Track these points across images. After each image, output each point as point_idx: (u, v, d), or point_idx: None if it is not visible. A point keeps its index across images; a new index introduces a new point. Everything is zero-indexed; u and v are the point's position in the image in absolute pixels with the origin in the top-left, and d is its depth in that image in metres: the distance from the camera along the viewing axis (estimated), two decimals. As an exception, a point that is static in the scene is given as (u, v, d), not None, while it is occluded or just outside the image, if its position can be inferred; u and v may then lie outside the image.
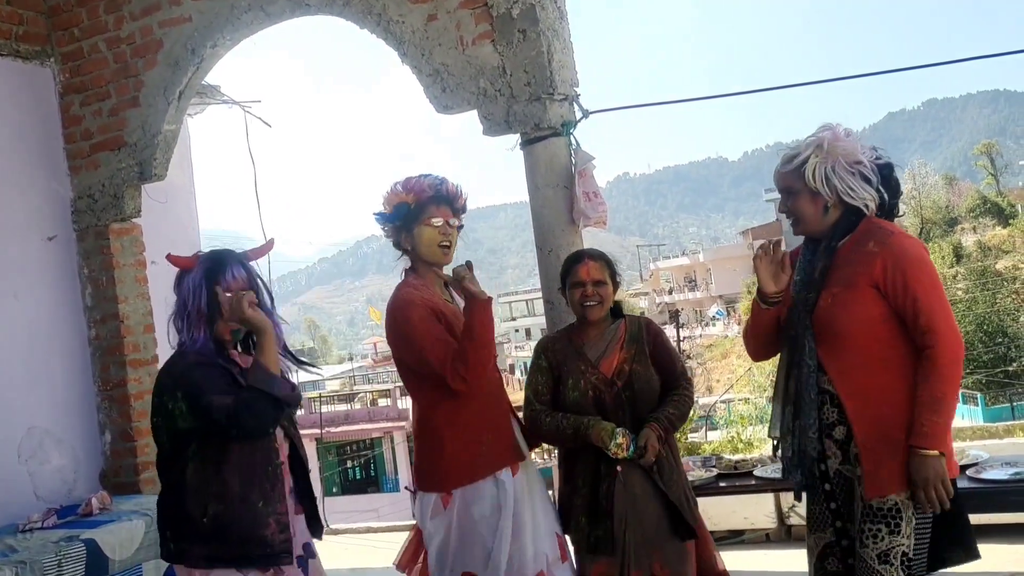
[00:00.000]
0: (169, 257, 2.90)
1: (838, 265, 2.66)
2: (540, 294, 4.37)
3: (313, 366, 3.03)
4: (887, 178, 2.69)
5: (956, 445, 5.28)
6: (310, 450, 19.57)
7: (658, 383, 3.16)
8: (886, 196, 2.68)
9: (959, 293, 41.48)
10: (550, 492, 3.45)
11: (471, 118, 4.33)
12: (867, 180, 2.65)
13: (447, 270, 3.22)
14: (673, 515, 3.04)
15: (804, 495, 2.83)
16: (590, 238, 4.37)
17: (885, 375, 2.58)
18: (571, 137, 4.21)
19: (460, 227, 3.25)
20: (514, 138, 4.24)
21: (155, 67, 5.18)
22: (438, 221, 3.15)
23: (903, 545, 2.54)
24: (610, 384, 3.10)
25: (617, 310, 3.28)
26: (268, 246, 3.09)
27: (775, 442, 2.85)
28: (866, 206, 2.65)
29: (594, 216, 4.11)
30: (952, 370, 2.54)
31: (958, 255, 47.23)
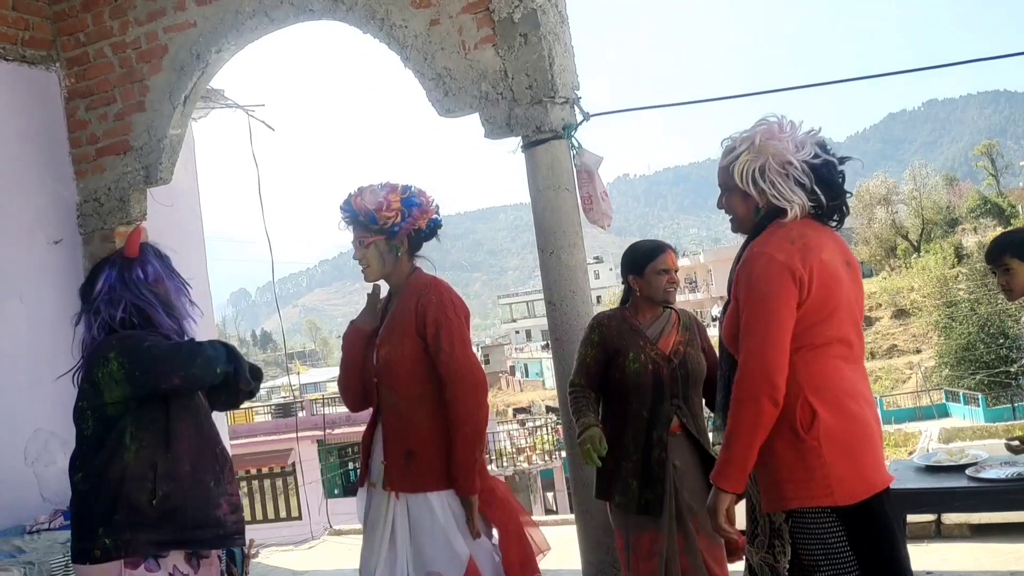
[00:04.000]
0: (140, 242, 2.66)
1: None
2: (541, 295, 4.40)
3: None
4: (824, 178, 2.43)
5: (955, 445, 5.31)
6: (312, 452, 19.59)
7: (705, 368, 3.44)
8: (824, 198, 2.43)
9: (960, 294, 41.47)
10: (550, 494, 3.54)
11: (473, 121, 4.38)
12: (799, 183, 2.40)
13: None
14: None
15: None
16: (590, 239, 4.41)
17: None
18: (572, 140, 4.25)
19: (376, 241, 3.12)
20: (516, 141, 4.28)
21: (160, 72, 5.22)
22: (353, 241, 3.19)
23: (782, 566, 2.44)
24: (668, 360, 3.36)
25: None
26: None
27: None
28: (791, 209, 2.41)
29: (612, 215, 4.23)
30: (741, 407, 2.32)
31: (959, 256, 47.20)
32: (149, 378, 2.44)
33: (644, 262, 3.43)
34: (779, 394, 2.30)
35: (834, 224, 2.55)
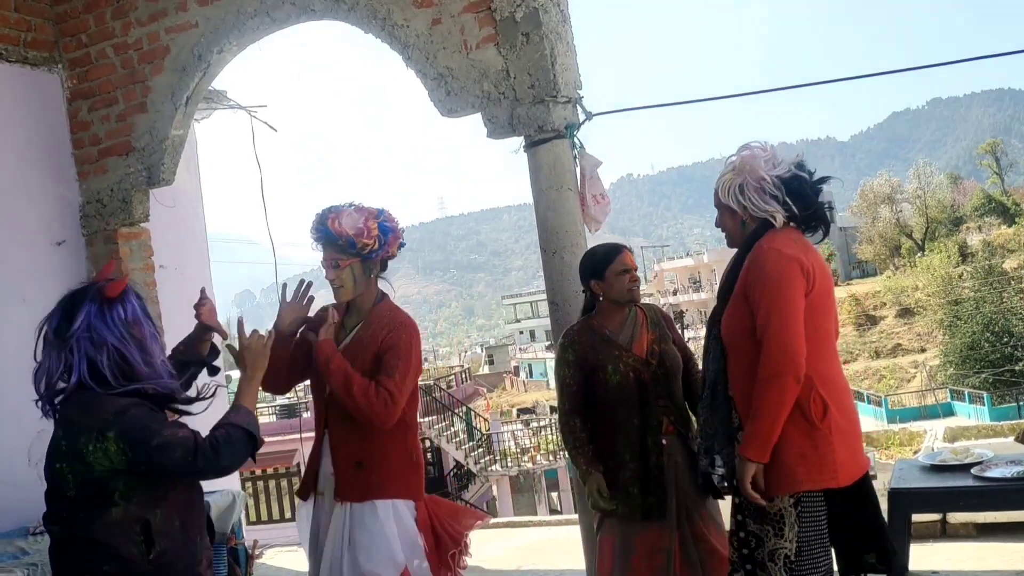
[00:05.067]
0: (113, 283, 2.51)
1: (738, 278, 2.82)
2: (544, 296, 4.39)
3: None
4: (795, 191, 2.78)
5: (960, 444, 5.29)
6: (317, 453, 19.58)
7: (680, 360, 3.45)
8: (796, 208, 2.77)
9: (966, 292, 41.42)
10: (554, 494, 3.56)
11: (475, 120, 4.37)
12: (773, 195, 2.77)
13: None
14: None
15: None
16: (592, 239, 4.40)
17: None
18: (575, 139, 4.24)
19: (352, 264, 3.20)
20: (518, 141, 4.27)
21: (162, 73, 5.22)
22: (324, 262, 3.25)
23: (785, 548, 2.69)
24: (646, 364, 3.35)
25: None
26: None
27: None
28: (773, 218, 2.77)
29: (604, 219, 4.20)
30: (766, 386, 2.62)
31: (964, 254, 47.15)
32: (154, 476, 2.33)
33: (603, 265, 3.43)
34: (801, 372, 2.61)
35: (819, 236, 2.91)
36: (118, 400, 2.34)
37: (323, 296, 3.37)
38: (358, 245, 3.16)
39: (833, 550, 2.82)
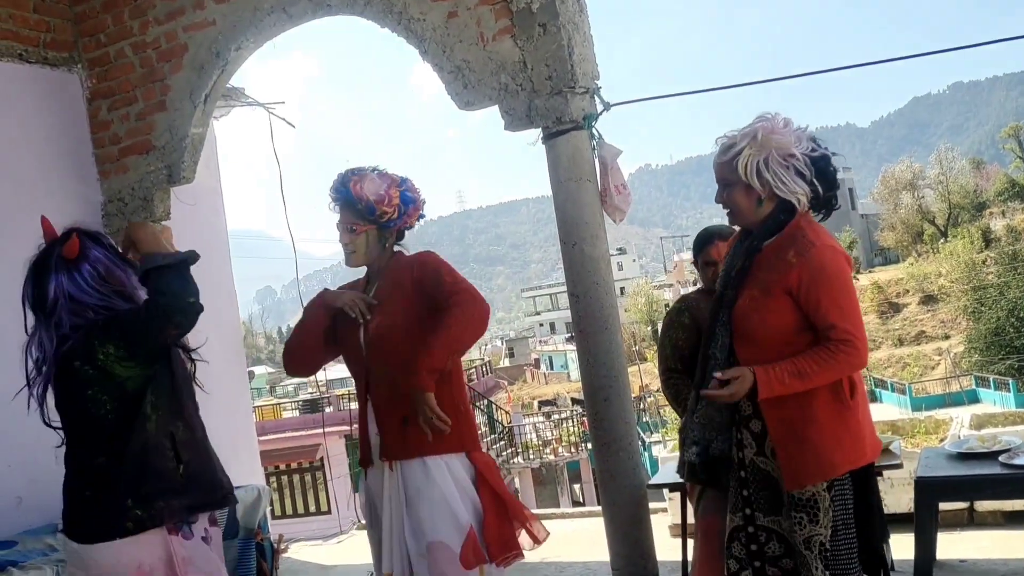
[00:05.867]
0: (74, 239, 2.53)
1: (760, 267, 2.70)
2: (564, 288, 4.38)
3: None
4: (822, 171, 2.65)
5: (987, 431, 5.24)
6: (340, 447, 19.68)
7: None
8: (821, 189, 2.65)
9: (990, 278, 41.01)
10: (576, 486, 3.52)
11: (493, 112, 4.36)
12: (800, 174, 2.61)
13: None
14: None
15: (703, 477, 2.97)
16: (613, 230, 4.38)
17: None
18: (593, 130, 4.23)
19: (368, 231, 3.10)
20: (536, 132, 4.26)
21: (181, 71, 5.24)
22: (339, 225, 3.15)
23: (820, 535, 2.64)
24: None
25: None
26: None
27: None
28: (798, 200, 2.63)
29: (627, 208, 4.18)
30: (843, 367, 2.59)
31: (987, 240, 46.66)
32: (148, 338, 2.37)
33: (696, 253, 3.42)
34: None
35: (821, 217, 2.78)
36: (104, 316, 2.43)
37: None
38: (377, 212, 3.05)
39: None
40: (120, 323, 2.39)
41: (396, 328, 3.01)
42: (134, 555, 2.40)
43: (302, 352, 3.24)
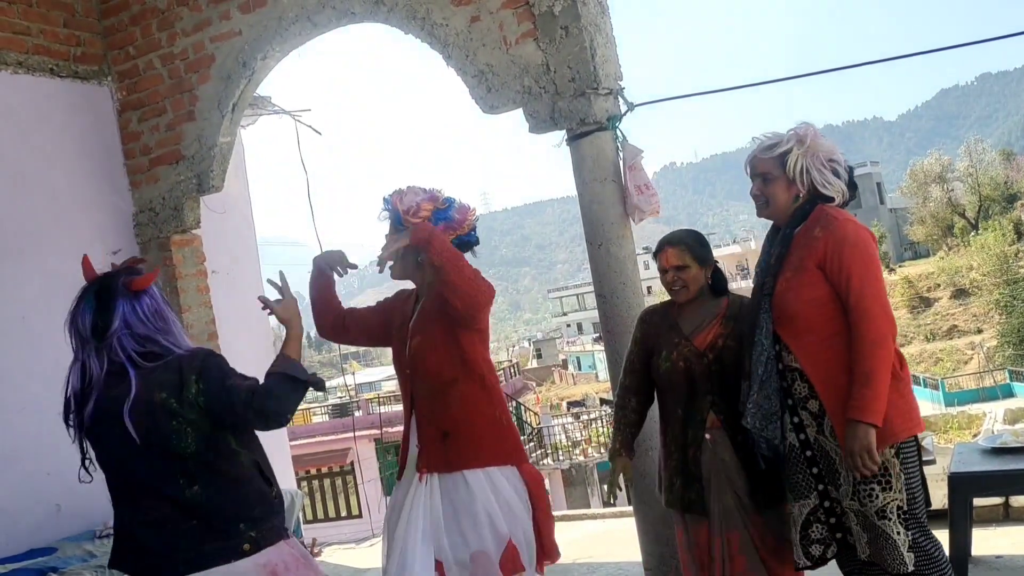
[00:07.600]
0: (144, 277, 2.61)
1: (792, 251, 2.91)
2: (591, 288, 4.38)
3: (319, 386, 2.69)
4: (851, 176, 2.97)
5: (1021, 425, 5.18)
6: (370, 451, 19.80)
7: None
8: (847, 192, 2.95)
9: (1022, 271, 40.46)
10: (606, 487, 3.51)
11: (517, 115, 4.38)
12: (838, 176, 2.92)
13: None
14: (766, 482, 3.07)
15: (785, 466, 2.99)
16: (639, 230, 4.39)
17: (840, 348, 2.79)
18: (617, 131, 4.23)
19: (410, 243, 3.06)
20: (560, 134, 4.27)
21: (208, 81, 5.32)
22: (386, 235, 3.18)
23: (897, 499, 2.76)
24: (701, 357, 3.17)
25: (721, 287, 3.32)
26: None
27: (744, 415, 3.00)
28: (839, 195, 2.92)
29: (648, 209, 4.17)
30: (877, 349, 2.72)
31: (1019, 232, 46.03)
32: (230, 414, 2.45)
33: (655, 256, 3.33)
34: (897, 332, 2.80)
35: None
36: (196, 352, 2.51)
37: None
38: (403, 223, 3.08)
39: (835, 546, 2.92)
40: (215, 385, 2.44)
41: (435, 346, 3.07)
42: (250, 570, 2.48)
43: (318, 309, 3.39)
